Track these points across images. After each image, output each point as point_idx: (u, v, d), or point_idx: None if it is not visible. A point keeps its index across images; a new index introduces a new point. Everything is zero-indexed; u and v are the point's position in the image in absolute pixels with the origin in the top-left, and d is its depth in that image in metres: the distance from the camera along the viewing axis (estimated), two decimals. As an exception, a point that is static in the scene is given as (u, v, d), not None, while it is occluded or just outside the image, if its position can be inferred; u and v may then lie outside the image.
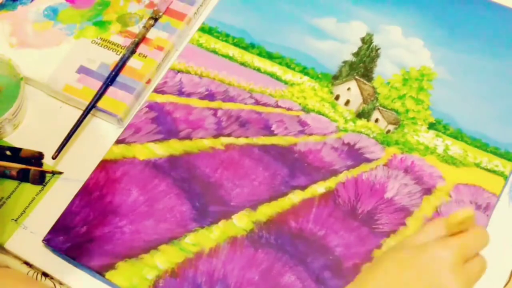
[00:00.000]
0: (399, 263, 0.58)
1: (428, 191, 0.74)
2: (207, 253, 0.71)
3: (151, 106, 0.81)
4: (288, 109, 0.81)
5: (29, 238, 0.74)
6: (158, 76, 0.84)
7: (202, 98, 0.82)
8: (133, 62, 0.83)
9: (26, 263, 0.74)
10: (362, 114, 0.79)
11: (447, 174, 0.75)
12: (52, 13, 0.88)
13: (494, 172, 0.74)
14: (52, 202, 0.76)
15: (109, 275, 0.70)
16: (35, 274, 0.72)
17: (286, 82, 0.82)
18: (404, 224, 0.72)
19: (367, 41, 0.84)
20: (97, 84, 0.82)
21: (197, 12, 0.88)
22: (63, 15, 0.87)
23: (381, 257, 0.60)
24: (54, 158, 0.77)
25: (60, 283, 0.72)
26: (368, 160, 0.77)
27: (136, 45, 0.84)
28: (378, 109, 0.80)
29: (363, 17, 0.85)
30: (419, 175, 0.75)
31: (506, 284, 0.69)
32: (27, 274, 0.72)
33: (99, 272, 0.71)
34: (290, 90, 0.82)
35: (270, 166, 0.76)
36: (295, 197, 0.74)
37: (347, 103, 0.80)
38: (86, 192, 0.76)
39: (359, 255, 0.70)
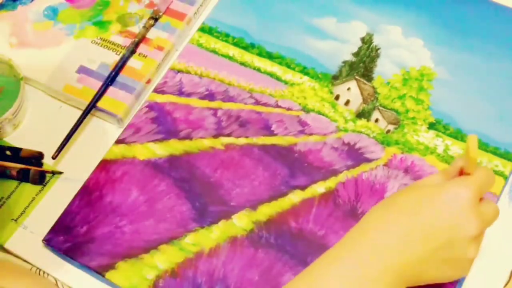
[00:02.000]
0: (416, 201, 0.58)
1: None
2: (207, 253, 0.71)
3: (151, 106, 0.81)
4: (288, 109, 0.81)
5: (29, 238, 0.74)
6: (158, 76, 0.84)
7: (202, 98, 0.82)
8: (133, 62, 0.83)
9: (26, 262, 0.74)
10: (362, 114, 0.79)
11: (447, 174, 0.75)
12: (52, 13, 0.88)
13: (494, 172, 0.74)
14: (52, 202, 0.76)
15: (109, 275, 0.70)
16: (38, 270, 0.72)
17: (286, 82, 0.82)
18: (404, 224, 0.72)
19: (367, 41, 0.84)
20: (97, 84, 0.82)
21: (197, 12, 0.88)
22: (63, 15, 0.87)
23: (393, 196, 0.59)
24: (54, 158, 0.77)
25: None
26: (368, 160, 0.77)
27: (136, 45, 0.84)
28: (378, 109, 0.80)
29: (363, 17, 0.85)
30: (419, 175, 0.75)
31: (506, 284, 0.69)
32: (30, 269, 0.72)
33: (99, 272, 0.71)
34: (290, 90, 0.82)
35: (270, 166, 0.76)
36: (295, 197, 0.74)
37: (347, 103, 0.80)
38: (86, 192, 0.76)
39: None
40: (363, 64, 0.82)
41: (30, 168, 0.77)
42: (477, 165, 0.60)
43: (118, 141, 0.79)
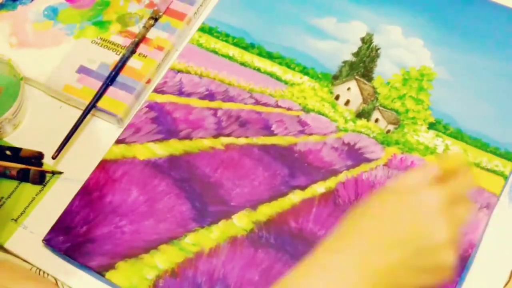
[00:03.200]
0: (387, 205, 0.57)
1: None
2: (207, 253, 0.71)
3: (151, 106, 0.81)
4: (288, 109, 0.81)
5: (29, 238, 0.74)
6: (158, 76, 0.84)
7: (202, 98, 0.82)
8: (133, 62, 0.83)
9: (26, 262, 0.74)
10: (362, 114, 0.79)
11: (447, 174, 0.75)
12: (52, 13, 0.88)
13: (494, 172, 0.74)
14: (52, 202, 0.76)
15: (109, 275, 0.70)
16: (38, 270, 0.72)
17: (286, 82, 0.82)
18: (404, 224, 0.72)
19: (367, 41, 0.84)
20: (97, 84, 0.82)
21: (197, 12, 0.88)
22: (63, 15, 0.87)
23: (367, 202, 0.59)
24: (54, 158, 0.77)
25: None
26: (368, 160, 0.76)
27: (136, 45, 0.84)
28: (378, 109, 0.79)
29: (363, 17, 0.85)
30: (419, 175, 0.75)
31: (506, 284, 0.69)
32: (30, 270, 0.72)
33: (99, 272, 0.71)
34: (290, 90, 0.82)
35: (270, 166, 0.76)
36: (295, 197, 0.74)
37: (347, 103, 0.80)
38: (86, 192, 0.76)
39: None
40: (363, 64, 0.82)
41: (30, 168, 0.77)
42: (456, 172, 0.58)
43: (118, 141, 0.79)
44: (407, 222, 0.56)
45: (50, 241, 0.73)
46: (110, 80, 0.82)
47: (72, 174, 0.78)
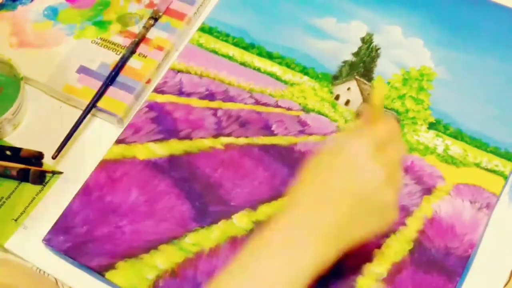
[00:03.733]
0: (322, 166, 0.61)
1: (428, 191, 0.74)
2: (207, 253, 0.71)
3: (151, 106, 0.81)
4: (288, 109, 0.81)
5: (29, 238, 0.74)
6: (158, 76, 0.84)
7: (202, 98, 0.82)
8: (133, 62, 0.83)
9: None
10: (362, 114, 0.79)
11: (447, 174, 0.75)
12: (52, 13, 0.88)
13: (494, 172, 0.74)
14: (52, 202, 0.76)
15: (109, 275, 0.70)
16: (38, 270, 0.72)
17: (286, 82, 0.82)
18: (404, 223, 0.72)
19: (367, 41, 0.84)
20: (97, 84, 0.82)
21: (197, 12, 0.88)
22: (63, 15, 0.87)
23: (304, 169, 0.62)
24: (54, 158, 0.77)
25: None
26: (368, 160, 0.76)
27: (136, 45, 0.84)
28: (378, 109, 0.79)
29: (363, 17, 0.85)
30: (419, 175, 0.75)
31: (506, 284, 0.69)
32: (31, 268, 0.72)
33: (99, 272, 0.71)
34: (290, 90, 0.82)
35: (270, 166, 0.76)
36: (295, 197, 0.74)
37: (347, 103, 0.80)
38: (86, 192, 0.76)
39: (359, 255, 0.70)
40: (363, 64, 0.82)
41: (30, 168, 0.77)
42: (381, 116, 0.62)
43: (118, 141, 0.79)
44: (344, 176, 0.59)
45: (50, 241, 0.73)
46: (110, 80, 0.82)
47: (72, 174, 0.78)
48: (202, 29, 0.86)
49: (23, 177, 0.77)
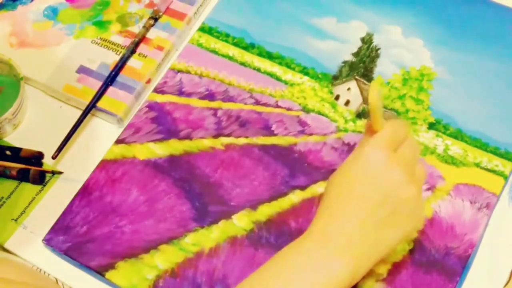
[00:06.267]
0: (344, 181, 0.62)
1: (428, 191, 0.74)
2: (207, 253, 0.71)
3: (151, 106, 0.81)
4: (288, 109, 0.81)
5: (29, 238, 0.74)
6: (158, 76, 0.84)
7: (202, 98, 0.82)
8: (133, 62, 0.83)
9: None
10: (362, 114, 0.79)
11: (447, 174, 0.75)
12: (52, 13, 0.88)
13: (494, 172, 0.74)
14: (52, 202, 0.76)
15: (109, 275, 0.70)
16: (38, 270, 0.72)
17: (286, 82, 0.82)
18: (404, 224, 0.72)
19: (367, 41, 0.84)
20: (97, 84, 0.82)
21: (197, 12, 0.88)
22: (63, 15, 0.87)
23: (326, 186, 0.64)
24: (54, 158, 0.77)
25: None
26: (368, 160, 0.76)
27: (136, 45, 0.84)
28: (378, 109, 0.79)
29: (363, 17, 0.85)
30: (419, 175, 0.75)
31: (506, 284, 0.69)
32: (31, 267, 0.72)
33: (99, 272, 0.71)
34: (290, 90, 0.82)
35: (270, 166, 0.76)
36: (295, 197, 0.74)
37: (347, 103, 0.80)
38: (86, 192, 0.76)
39: None
40: (363, 64, 0.82)
41: (30, 168, 0.77)
42: (382, 119, 0.63)
43: (118, 141, 0.79)
44: (366, 183, 0.60)
45: (50, 241, 0.73)
46: (110, 80, 0.82)
47: (72, 174, 0.78)
48: (202, 29, 0.86)
49: (23, 177, 0.77)
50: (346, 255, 0.59)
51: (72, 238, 0.73)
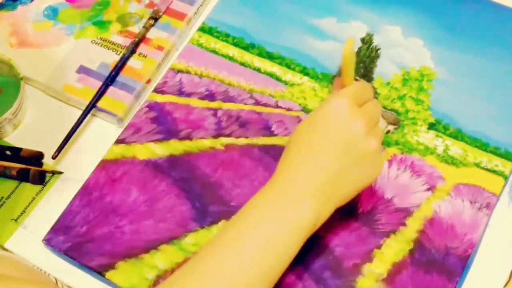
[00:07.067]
0: (305, 130, 0.65)
1: (428, 191, 0.74)
2: (207, 253, 0.71)
3: (151, 106, 0.81)
4: (288, 109, 0.81)
5: (29, 238, 0.74)
6: (158, 76, 0.84)
7: (202, 98, 0.82)
8: (133, 62, 0.83)
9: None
10: (362, 114, 0.79)
11: (447, 174, 0.75)
12: (52, 13, 0.88)
13: (494, 172, 0.74)
14: (52, 202, 0.76)
15: (109, 275, 0.70)
16: (38, 269, 0.72)
17: (286, 83, 0.82)
18: (404, 224, 0.72)
19: (367, 41, 0.84)
20: (97, 84, 0.82)
21: (197, 12, 0.88)
22: (63, 15, 0.87)
23: (290, 138, 0.67)
24: (54, 158, 0.77)
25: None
26: (368, 160, 0.76)
27: (136, 45, 0.84)
28: (378, 109, 0.79)
29: (363, 17, 0.85)
30: (419, 175, 0.75)
31: (506, 284, 0.69)
32: (32, 267, 0.72)
33: (99, 272, 0.71)
34: (290, 91, 0.82)
35: (270, 166, 0.76)
36: (295, 197, 0.74)
37: (347, 103, 0.80)
38: (86, 192, 0.76)
39: (359, 255, 0.70)
40: (363, 64, 0.82)
41: (30, 168, 0.77)
42: (353, 76, 0.66)
43: (118, 141, 0.79)
44: (328, 132, 0.64)
45: (50, 241, 0.73)
46: (110, 80, 0.82)
47: (72, 174, 0.78)
48: (202, 29, 0.86)
49: (23, 177, 0.77)
50: (311, 199, 0.62)
51: (72, 238, 0.73)
